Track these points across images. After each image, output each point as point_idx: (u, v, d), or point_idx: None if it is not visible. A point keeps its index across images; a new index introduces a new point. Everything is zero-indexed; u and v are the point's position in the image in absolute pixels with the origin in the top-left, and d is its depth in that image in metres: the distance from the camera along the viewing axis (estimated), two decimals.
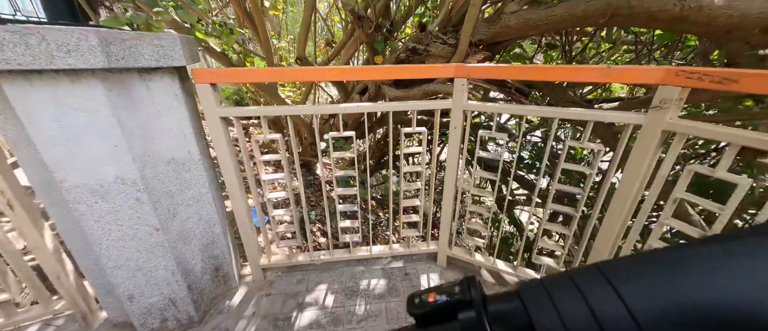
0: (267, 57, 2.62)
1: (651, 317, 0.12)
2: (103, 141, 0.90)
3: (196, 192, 1.18)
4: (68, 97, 0.83)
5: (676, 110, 0.86)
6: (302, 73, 1.20)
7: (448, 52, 1.96)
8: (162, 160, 1.06)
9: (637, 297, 0.13)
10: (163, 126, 1.04)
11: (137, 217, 1.02)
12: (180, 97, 1.04)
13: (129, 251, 1.06)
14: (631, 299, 0.13)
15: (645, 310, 0.12)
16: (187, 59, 1.01)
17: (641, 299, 0.13)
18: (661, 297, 0.12)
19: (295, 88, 4.66)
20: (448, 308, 0.18)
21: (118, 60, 0.83)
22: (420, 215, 1.51)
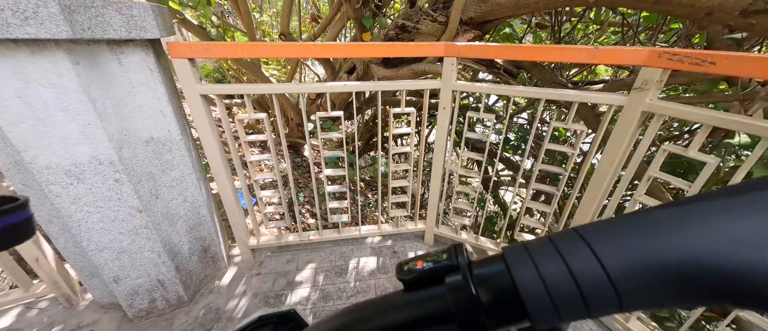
0: (248, 32, 2.49)
1: (621, 271, 0.13)
2: (73, 119, 0.85)
3: (179, 173, 1.15)
4: (31, 70, 0.77)
5: (656, 91, 0.89)
6: (287, 49, 1.15)
7: (437, 30, 1.92)
8: (140, 140, 1.02)
9: (610, 255, 0.14)
10: (140, 104, 0.99)
11: (118, 199, 0.99)
12: (156, 73, 0.99)
13: (111, 233, 1.03)
14: (605, 256, 0.14)
15: (617, 265, 0.13)
16: (161, 31, 0.94)
17: (613, 256, 0.14)
18: (631, 254, 0.13)
19: (279, 66, 4.49)
20: (435, 273, 0.19)
21: (84, 30, 0.77)
22: (408, 195, 1.53)
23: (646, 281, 0.13)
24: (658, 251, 0.13)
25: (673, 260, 0.13)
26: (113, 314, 1.25)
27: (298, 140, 3.45)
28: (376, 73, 2.13)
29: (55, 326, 1.20)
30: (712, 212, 0.13)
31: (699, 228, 0.13)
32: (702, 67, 0.75)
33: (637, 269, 0.13)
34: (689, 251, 0.13)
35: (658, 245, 0.13)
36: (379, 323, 0.21)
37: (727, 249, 0.12)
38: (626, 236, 0.14)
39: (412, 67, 2.06)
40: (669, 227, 0.14)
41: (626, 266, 0.14)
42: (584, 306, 0.14)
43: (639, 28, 2.30)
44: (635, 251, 0.14)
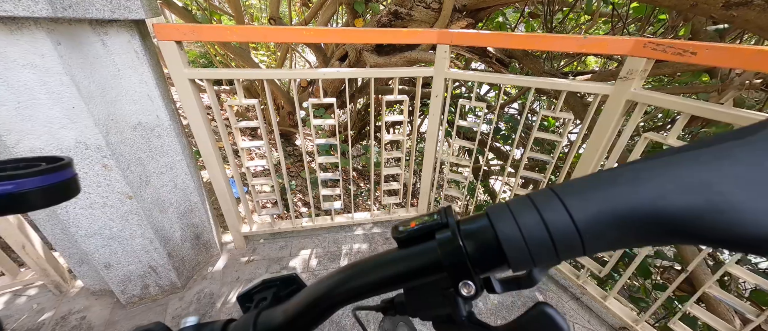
0: (236, 15, 2.42)
1: (586, 219, 0.15)
2: (57, 102, 0.82)
3: (169, 159, 1.13)
4: (10, 50, 0.74)
5: (640, 81, 0.92)
6: (277, 32, 1.13)
7: (431, 18, 1.90)
8: (128, 125, 0.99)
9: (578, 206, 0.16)
10: (126, 88, 0.96)
11: (106, 184, 0.97)
12: (142, 55, 0.96)
13: (101, 219, 1.02)
14: (574, 207, 0.16)
15: (582, 214, 0.16)
16: (146, 12, 0.91)
17: (581, 207, 0.16)
18: (594, 204, 0.15)
19: (269, 52, 4.38)
20: (427, 231, 0.21)
21: (65, 9, 0.74)
22: (400, 183, 1.55)
23: (605, 226, 0.15)
24: (615, 200, 0.15)
25: (626, 206, 0.15)
26: (105, 300, 1.25)
27: (289, 129, 3.41)
28: (369, 61, 2.11)
29: (46, 312, 1.20)
30: (662, 164, 0.15)
31: (649, 178, 0.15)
32: (684, 57, 0.78)
33: (598, 217, 0.16)
34: (639, 198, 0.15)
35: (615, 195, 0.15)
36: (376, 276, 0.23)
37: (671, 195, 0.14)
38: (592, 189, 0.16)
39: (405, 55, 2.05)
40: (626, 179, 0.16)
41: (589, 214, 0.16)
42: (554, 250, 0.16)
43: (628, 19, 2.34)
44: (597, 201, 0.16)
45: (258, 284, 0.30)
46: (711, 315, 0.98)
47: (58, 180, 0.23)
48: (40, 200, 0.23)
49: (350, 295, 0.24)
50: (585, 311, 1.29)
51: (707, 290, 0.94)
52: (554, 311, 0.19)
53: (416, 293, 0.23)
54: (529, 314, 0.19)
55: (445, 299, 0.22)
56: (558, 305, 1.32)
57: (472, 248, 0.19)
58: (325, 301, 0.24)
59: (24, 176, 0.22)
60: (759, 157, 0.14)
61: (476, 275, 0.19)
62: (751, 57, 0.70)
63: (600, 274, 1.19)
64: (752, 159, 0.14)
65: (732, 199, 0.13)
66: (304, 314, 0.25)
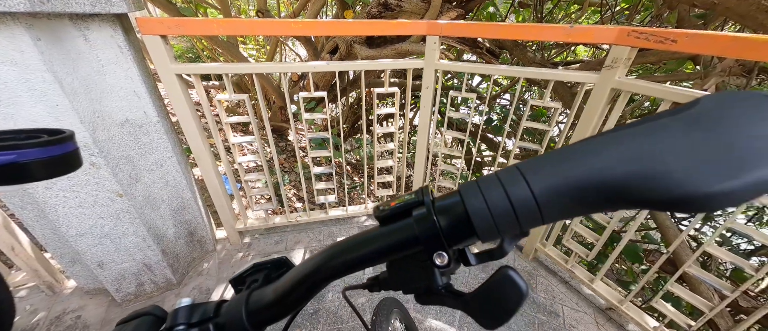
0: (223, 8, 2.37)
1: (542, 192, 0.17)
2: (40, 99, 0.81)
3: (159, 156, 1.12)
4: None
5: (624, 69, 0.94)
6: (266, 25, 1.11)
7: (421, 9, 1.89)
8: (115, 122, 0.98)
9: (537, 180, 0.17)
10: (111, 84, 0.94)
11: (95, 183, 0.96)
12: (126, 51, 0.94)
13: (91, 218, 1.01)
14: (534, 182, 0.17)
15: (540, 188, 0.17)
16: (129, 5, 0.89)
17: (539, 181, 0.17)
18: (551, 177, 0.17)
19: (258, 46, 4.30)
20: (405, 209, 0.22)
21: (43, 2, 0.72)
22: (393, 175, 1.56)
23: (560, 196, 0.17)
24: (567, 173, 0.17)
25: (577, 178, 0.17)
26: (99, 298, 1.25)
27: (281, 124, 3.38)
28: (360, 54, 2.10)
29: (39, 313, 1.19)
30: (609, 139, 0.17)
31: (596, 152, 0.17)
32: (665, 44, 0.80)
33: (553, 188, 0.17)
34: (587, 169, 0.16)
35: (568, 168, 0.17)
36: (360, 253, 0.24)
37: (614, 165, 0.16)
38: (549, 165, 0.18)
39: (396, 47, 2.04)
40: (577, 154, 0.17)
41: (545, 186, 0.17)
42: (516, 221, 0.18)
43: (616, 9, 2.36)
44: (553, 174, 0.17)
45: (249, 268, 0.31)
46: (691, 293, 1.02)
47: (60, 152, 0.24)
48: (42, 171, 0.23)
49: (336, 271, 0.25)
50: (573, 294, 1.34)
51: (687, 269, 0.98)
52: (515, 273, 0.21)
53: (398, 267, 0.25)
54: (494, 278, 0.21)
55: (424, 271, 0.23)
56: (548, 288, 1.36)
57: (445, 222, 0.21)
58: (312, 277, 0.26)
59: (26, 146, 0.22)
60: (686, 128, 0.16)
61: (449, 247, 0.21)
62: (729, 44, 0.72)
63: (588, 258, 1.23)
64: (680, 131, 0.16)
65: (663, 166, 0.15)
66: (293, 290, 0.26)
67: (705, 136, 0.15)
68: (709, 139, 0.15)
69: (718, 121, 0.15)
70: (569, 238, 1.31)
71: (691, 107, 0.16)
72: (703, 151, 0.14)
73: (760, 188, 0.13)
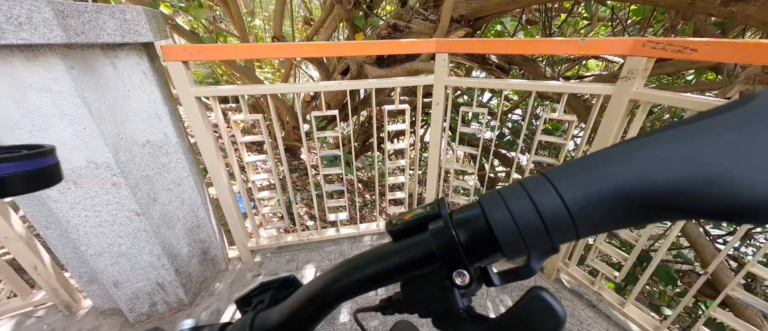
0: (241, 36, 2.50)
1: (576, 202, 0.15)
2: (69, 123, 0.85)
3: (176, 176, 1.15)
4: (26, 75, 0.77)
5: (641, 80, 0.91)
6: (279, 49, 1.16)
7: (429, 29, 1.94)
8: (137, 143, 1.02)
9: (568, 189, 0.16)
10: (135, 107, 0.99)
11: (115, 202, 0.99)
12: (150, 76, 1.00)
13: (110, 237, 1.03)
14: (565, 191, 0.16)
15: (573, 197, 0.15)
16: (154, 35, 0.95)
17: (571, 190, 0.16)
18: (585, 186, 0.15)
19: (274, 69, 4.49)
20: (420, 222, 0.21)
21: (78, 34, 0.78)
22: (405, 192, 1.54)
23: (596, 206, 0.15)
24: (603, 180, 0.15)
25: (614, 185, 0.15)
26: (113, 319, 1.25)
27: (295, 143, 3.45)
28: (370, 73, 2.15)
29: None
30: (647, 142, 0.15)
31: (634, 157, 0.15)
32: (684, 54, 0.78)
33: (588, 198, 0.15)
34: (625, 176, 0.15)
35: (603, 174, 0.15)
36: (371, 271, 0.22)
37: (654, 170, 0.14)
38: (581, 171, 0.16)
39: (406, 66, 2.08)
40: (613, 159, 0.16)
41: (580, 196, 0.16)
42: (547, 235, 0.16)
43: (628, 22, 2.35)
44: (586, 182, 0.16)
45: (256, 287, 0.30)
46: (737, 319, 0.93)
47: (39, 166, 0.24)
48: (20, 185, 0.23)
49: (346, 291, 0.23)
50: (603, 319, 1.24)
51: (731, 292, 0.90)
52: (550, 295, 0.18)
53: (413, 287, 0.23)
54: (523, 301, 0.19)
55: (442, 291, 0.21)
56: (574, 312, 1.27)
57: (464, 237, 0.19)
58: (320, 298, 0.24)
59: (4, 160, 0.22)
60: (744, 127, 0.14)
61: (470, 263, 0.19)
62: (754, 51, 0.69)
63: (616, 279, 1.15)
64: (736, 130, 0.14)
65: (721, 169, 0.13)
66: (301, 311, 0.24)
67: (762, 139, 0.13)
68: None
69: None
70: (594, 257, 1.23)
71: (743, 104, 0.15)
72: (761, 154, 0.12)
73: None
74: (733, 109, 0.15)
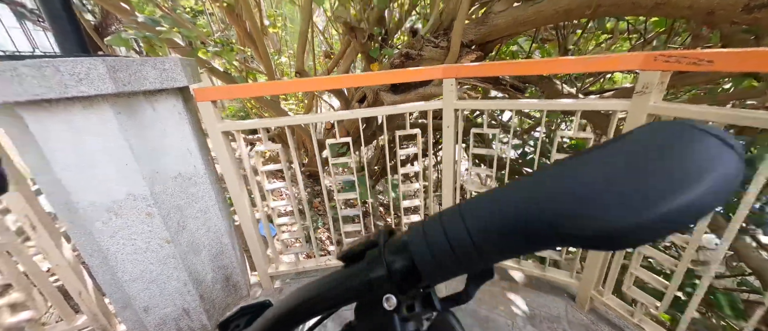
0: (268, 73, 2.72)
1: (477, 230, 0.16)
2: (114, 161, 0.96)
3: (203, 205, 1.24)
4: (81, 122, 0.90)
5: (658, 94, 0.87)
6: (295, 84, 1.26)
7: (440, 55, 2.00)
8: (170, 176, 1.12)
9: (472, 220, 0.17)
10: (169, 144, 1.10)
11: (149, 231, 1.08)
12: (184, 115, 1.11)
13: (143, 263, 1.11)
14: (470, 224, 0.17)
15: (475, 227, 0.17)
16: (188, 79, 1.08)
17: (474, 221, 0.17)
18: (485, 217, 0.16)
19: (298, 101, 4.78)
20: (362, 250, 0.22)
21: (125, 85, 0.90)
22: (420, 214, 1.53)
23: (495, 235, 0.17)
24: (504, 212, 0.17)
25: (507, 216, 0.16)
26: None
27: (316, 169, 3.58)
28: (386, 100, 2.22)
29: None
30: (539, 177, 0.17)
31: (531, 189, 0.17)
32: (700, 66, 0.74)
33: (488, 228, 0.17)
34: (516, 208, 0.16)
35: (505, 207, 0.17)
36: (319, 296, 0.24)
37: (539, 202, 0.15)
38: (488, 203, 0.18)
39: (419, 91, 2.13)
40: (509, 192, 0.17)
41: (481, 227, 0.17)
42: (458, 262, 0.17)
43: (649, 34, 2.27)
44: (487, 214, 0.17)
45: (236, 311, 0.33)
46: None
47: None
48: None
49: (301, 315, 0.25)
50: None
51: None
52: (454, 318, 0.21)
53: (363, 312, 0.25)
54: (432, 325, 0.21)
55: (386, 317, 0.22)
56: None
57: (397, 264, 0.21)
58: (280, 323, 0.26)
59: None
60: (612, 160, 0.15)
61: (401, 290, 0.21)
62: None
63: (657, 310, 1.04)
64: (605, 163, 0.15)
65: (579, 202, 0.14)
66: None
67: (626, 169, 0.14)
68: (629, 172, 0.14)
69: (643, 152, 0.15)
70: (631, 284, 1.13)
71: (623, 138, 0.16)
72: (621, 184, 0.13)
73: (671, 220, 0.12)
74: (616, 142, 0.16)
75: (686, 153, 0.14)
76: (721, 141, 0.14)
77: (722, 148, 0.14)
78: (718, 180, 0.13)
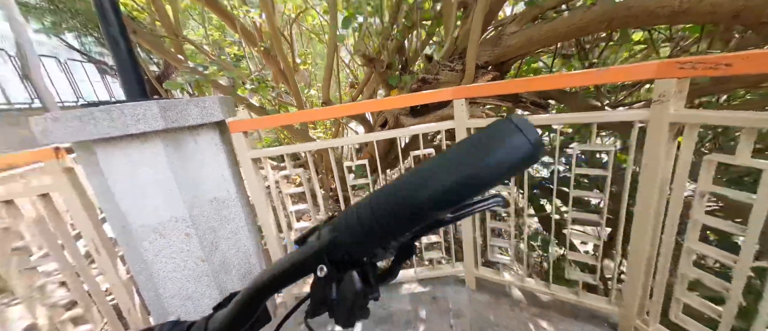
0: (298, 105, 2.95)
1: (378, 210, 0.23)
2: (161, 188, 1.11)
3: (234, 226, 1.35)
4: (137, 155, 1.06)
5: (679, 101, 0.83)
6: (318, 112, 1.37)
7: (456, 78, 2.06)
8: (206, 200, 1.25)
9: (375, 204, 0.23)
10: (207, 171, 1.25)
11: (187, 250, 1.20)
12: (219, 146, 1.26)
13: (180, 281, 1.22)
14: (373, 205, 0.24)
15: (377, 208, 0.23)
16: (224, 114, 1.23)
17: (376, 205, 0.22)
18: (382, 202, 0.21)
19: (325, 128, 5.06)
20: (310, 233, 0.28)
21: (173, 121, 1.06)
22: (440, 235, 1.51)
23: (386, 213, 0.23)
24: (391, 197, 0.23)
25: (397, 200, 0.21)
26: None
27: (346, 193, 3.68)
28: (405, 123, 2.29)
29: None
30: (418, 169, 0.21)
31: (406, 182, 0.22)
32: (718, 70, 0.71)
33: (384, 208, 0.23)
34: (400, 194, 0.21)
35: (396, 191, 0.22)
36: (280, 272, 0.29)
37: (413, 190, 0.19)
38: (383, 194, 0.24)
39: (437, 113, 2.18)
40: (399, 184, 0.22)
41: (379, 208, 0.23)
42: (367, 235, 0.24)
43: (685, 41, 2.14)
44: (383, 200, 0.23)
45: (227, 297, 0.37)
46: None
47: None
48: None
49: (268, 289, 0.30)
50: None
51: None
52: None
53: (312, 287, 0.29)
54: None
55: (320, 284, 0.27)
56: None
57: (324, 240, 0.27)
58: (250, 297, 0.31)
59: None
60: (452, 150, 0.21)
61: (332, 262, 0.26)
62: None
63: None
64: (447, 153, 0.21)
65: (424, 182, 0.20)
66: (241, 308, 0.32)
67: (454, 154, 0.20)
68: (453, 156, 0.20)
69: (470, 140, 0.20)
70: (679, 311, 1.00)
71: (479, 132, 0.21)
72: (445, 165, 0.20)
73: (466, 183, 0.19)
74: (475, 134, 0.21)
75: (490, 137, 0.20)
76: (516, 127, 0.20)
77: (514, 132, 0.19)
78: (503, 153, 0.19)
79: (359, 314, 0.27)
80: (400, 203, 0.22)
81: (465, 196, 0.20)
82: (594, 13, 1.36)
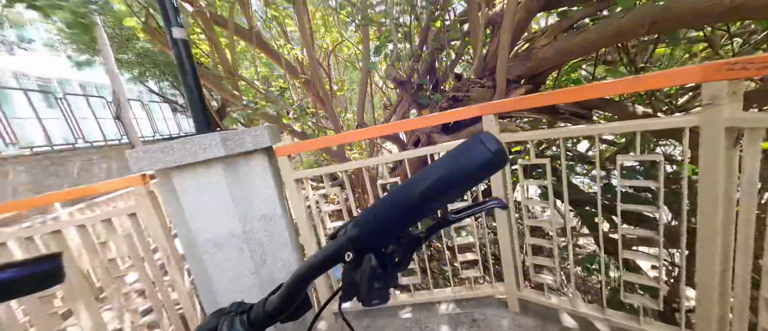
0: (335, 128, 3.15)
1: (391, 207, 0.28)
2: (220, 207, 1.28)
3: (280, 241, 1.47)
4: (204, 178, 1.25)
5: (735, 105, 0.76)
6: (352, 134, 1.48)
7: (488, 94, 2.06)
8: (256, 218, 1.40)
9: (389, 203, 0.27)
10: (257, 191, 1.40)
11: (241, 262, 1.33)
12: (267, 168, 1.41)
13: (234, 291, 1.36)
14: (387, 204, 0.28)
15: (390, 206, 0.28)
16: (272, 140, 1.39)
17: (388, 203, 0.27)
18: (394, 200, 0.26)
19: (361, 149, 5.27)
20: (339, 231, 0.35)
21: (232, 149, 1.23)
22: (476, 253, 1.48)
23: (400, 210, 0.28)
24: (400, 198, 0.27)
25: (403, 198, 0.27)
26: None
27: None
28: (438, 141, 2.32)
29: None
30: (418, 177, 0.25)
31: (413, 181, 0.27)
32: None
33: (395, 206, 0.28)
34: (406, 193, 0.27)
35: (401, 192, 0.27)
36: (318, 262, 0.35)
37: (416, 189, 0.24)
38: (395, 194, 0.28)
39: (470, 129, 2.18)
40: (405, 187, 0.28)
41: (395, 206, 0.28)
42: (382, 228, 0.30)
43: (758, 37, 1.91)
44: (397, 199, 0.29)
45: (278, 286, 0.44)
46: None
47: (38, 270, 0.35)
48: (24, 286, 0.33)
49: (309, 276, 0.36)
50: None
51: None
52: None
53: (346, 273, 0.35)
54: None
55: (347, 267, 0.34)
56: None
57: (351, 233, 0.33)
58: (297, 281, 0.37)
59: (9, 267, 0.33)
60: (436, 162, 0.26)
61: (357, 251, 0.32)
62: None
63: None
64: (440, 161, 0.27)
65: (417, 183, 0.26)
66: (289, 291, 0.38)
67: (436, 164, 0.26)
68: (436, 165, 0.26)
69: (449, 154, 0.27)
70: None
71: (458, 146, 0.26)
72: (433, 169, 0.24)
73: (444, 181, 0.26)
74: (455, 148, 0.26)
75: (463, 150, 0.26)
76: (481, 142, 0.26)
77: (479, 145, 0.26)
78: (468, 160, 0.26)
79: (378, 294, 0.32)
80: (402, 199, 0.29)
81: (443, 191, 0.26)
82: (630, 19, 1.31)
